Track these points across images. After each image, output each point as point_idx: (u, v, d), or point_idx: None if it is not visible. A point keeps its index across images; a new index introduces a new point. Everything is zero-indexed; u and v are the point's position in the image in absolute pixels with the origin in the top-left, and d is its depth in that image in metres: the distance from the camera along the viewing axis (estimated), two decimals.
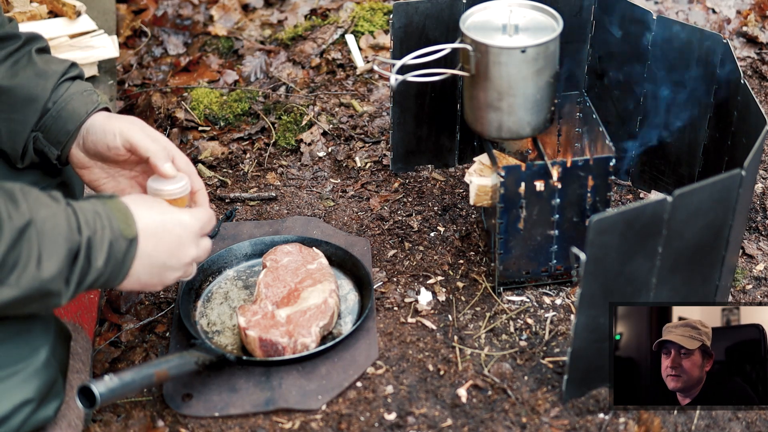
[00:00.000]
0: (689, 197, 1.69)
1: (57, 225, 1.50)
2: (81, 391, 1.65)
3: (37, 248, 1.47)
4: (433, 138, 2.43)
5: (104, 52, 2.62)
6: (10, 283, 1.46)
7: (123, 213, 1.60)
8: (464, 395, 1.88)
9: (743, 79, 2.01)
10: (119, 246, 1.57)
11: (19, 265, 1.46)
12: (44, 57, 1.89)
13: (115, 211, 1.59)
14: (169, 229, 1.66)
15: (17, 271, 1.46)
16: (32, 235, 1.47)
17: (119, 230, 1.57)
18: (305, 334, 1.91)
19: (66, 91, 1.85)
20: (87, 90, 1.87)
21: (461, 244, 2.26)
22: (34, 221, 1.48)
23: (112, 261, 1.56)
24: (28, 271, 1.47)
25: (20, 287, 1.47)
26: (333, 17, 3.12)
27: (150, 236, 1.63)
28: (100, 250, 1.54)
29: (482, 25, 2.05)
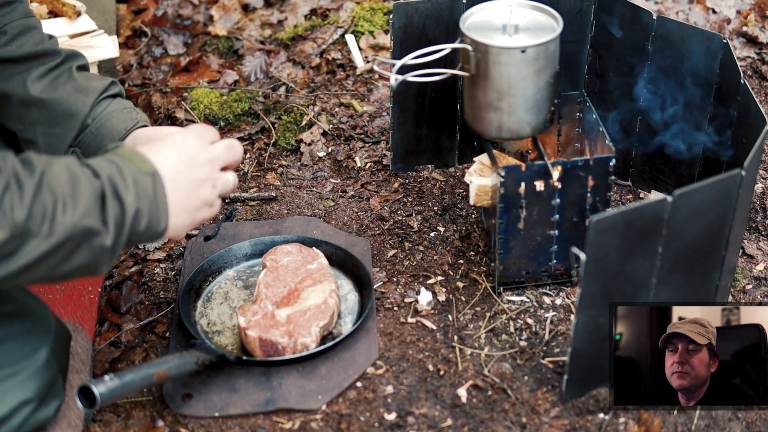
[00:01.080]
0: (689, 197, 1.69)
1: (73, 174, 1.47)
2: (81, 391, 1.65)
3: (61, 194, 1.44)
4: (433, 138, 2.43)
5: (104, 52, 2.62)
6: (42, 233, 1.42)
7: (135, 154, 1.57)
8: (464, 395, 1.88)
9: (743, 79, 2.01)
10: (144, 182, 1.53)
11: (47, 213, 1.42)
12: (84, 74, 1.91)
13: (125, 155, 1.56)
14: (186, 154, 1.62)
15: (47, 220, 1.42)
16: (52, 183, 1.44)
17: (137, 169, 1.54)
18: (305, 334, 1.91)
19: (105, 108, 1.86)
20: (126, 108, 1.89)
21: (461, 244, 2.26)
22: (51, 172, 1.46)
23: (144, 197, 1.52)
24: (57, 216, 1.43)
25: (55, 234, 1.43)
26: (333, 17, 3.12)
27: (167, 162, 1.59)
28: (125, 187, 1.50)
29: (482, 25, 2.05)
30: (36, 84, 1.83)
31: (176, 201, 1.59)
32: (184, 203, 1.60)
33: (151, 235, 1.56)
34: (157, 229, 1.56)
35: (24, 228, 1.41)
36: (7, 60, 1.83)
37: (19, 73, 1.84)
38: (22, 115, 1.85)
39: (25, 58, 1.84)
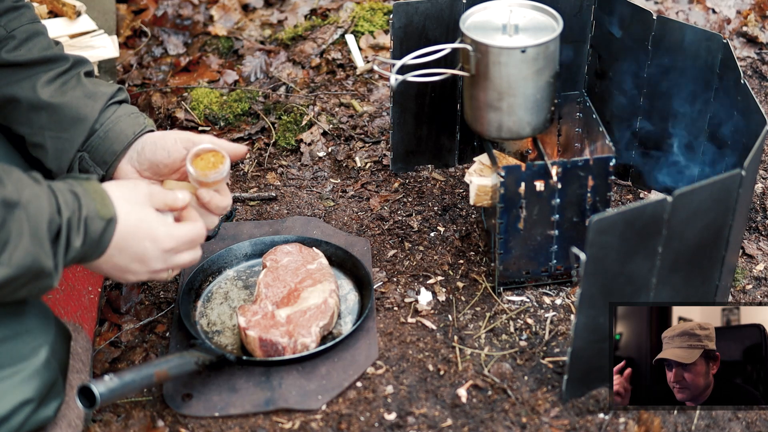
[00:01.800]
0: (689, 197, 1.69)
1: (41, 207, 1.52)
2: (81, 391, 1.65)
3: (26, 226, 1.49)
4: (433, 138, 2.43)
5: (104, 52, 2.62)
6: (2, 261, 1.47)
7: (100, 194, 1.61)
8: (464, 395, 1.88)
9: (743, 79, 2.01)
10: (95, 226, 1.58)
11: (10, 243, 1.47)
12: (92, 80, 1.93)
13: (92, 192, 1.61)
14: (139, 237, 1.67)
15: (9, 249, 1.47)
16: (20, 214, 1.49)
17: (95, 210, 1.59)
18: (305, 334, 1.91)
19: (114, 114, 1.88)
20: (134, 113, 1.91)
21: (461, 244, 2.26)
22: (20, 201, 1.50)
23: (89, 240, 1.58)
24: (19, 248, 1.48)
25: (12, 265, 1.48)
26: (333, 17, 3.12)
27: (125, 219, 1.64)
28: (77, 230, 1.56)
29: (482, 25, 2.05)
30: (45, 88, 1.85)
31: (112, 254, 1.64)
32: (117, 259, 1.65)
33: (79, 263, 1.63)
34: (86, 263, 1.64)
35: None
36: (16, 64, 1.85)
37: (28, 77, 1.85)
38: (30, 119, 1.86)
39: (34, 62, 1.85)
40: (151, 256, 1.69)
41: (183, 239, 1.73)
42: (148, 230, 1.68)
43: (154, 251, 1.69)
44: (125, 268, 1.68)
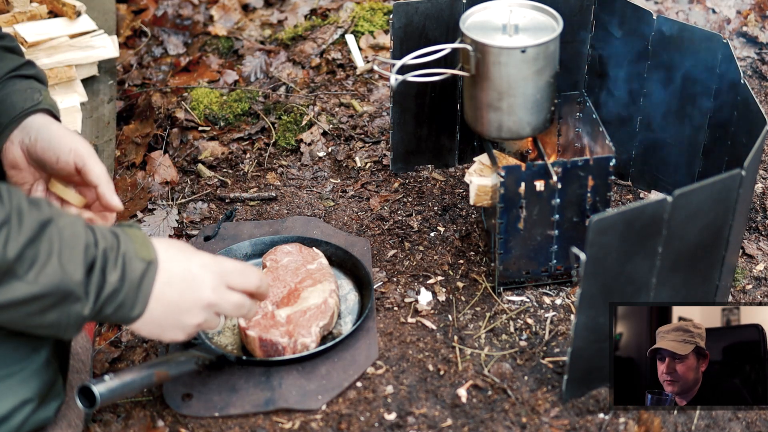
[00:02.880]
0: (689, 197, 1.69)
1: (76, 233, 1.48)
2: (81, 391, 1.65)
3: (58, 247, 1.44)
4: (433, 138, 2.43)
5: (104, 52, 2.62)
6: (28, 279, 1.43)
7: (140, 237, 1.57)
8: (464, 395, 1.88)
9: (743, 79, 2.01)
10: (134, 266, 1.53)
11: (38, 261, 1.43)
12: (2, 53, 1.88)
13: (131, 234, 1.56)
14: (197, 262, 1.62)
15: (36, 267, 1.43)
16: (53, 234, 1.45)
17: (134, 250, 1.53)
18: (305, 334, 1.91)
19: (12, 87, 1.84)
20: (31, 88, 1.85)
21: (461, 244, 2.26)
22: (56, 221, 1.46)
23: (128, 280, 1.52)
24: (48, 268, 1.43)
25: (39, 284, 1.43)
26: (333, 17, 3.12)
27: (167, 263, 1.58)
28: (113, 265, 1.50)
29: (482, 25, 2.05)
30: None
31: (154, 306, 1.57)
32: (160, 314, 1.59)
33: (120, 318, 1.55)
34: (128, 315, 1.55)
35: (10, 266, 1.41)
36: None
37: None
38: None
39: None
40: (204, 298, 1.63)
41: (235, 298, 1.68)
42: (205, 273, 1.63)
43: (207, 295, 1.63)
44: (171, 325, 1.61)
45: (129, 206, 2.41)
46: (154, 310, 1.57)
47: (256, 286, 1.72)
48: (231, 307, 1.69)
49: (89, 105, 2.60)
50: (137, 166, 2.56)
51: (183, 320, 1.63)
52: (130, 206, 2.41)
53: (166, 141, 2.64)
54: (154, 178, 2.49)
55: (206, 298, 1.64)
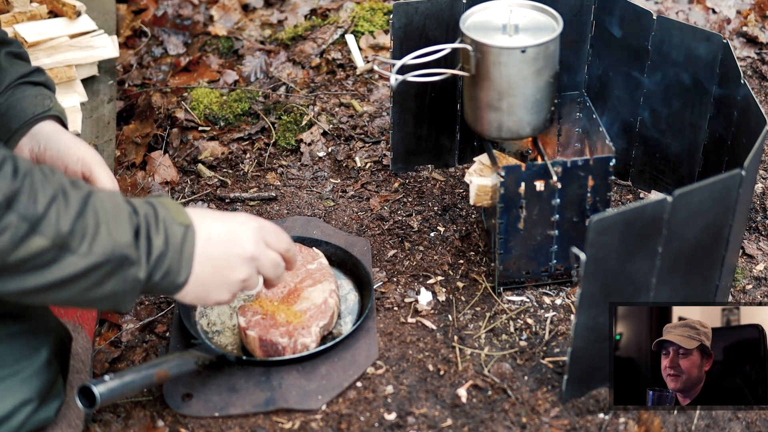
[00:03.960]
0: (689, 197, 1.69)
1: (117, 203, 1.50)
2: (81, 391, 1.65)
3: (104, 217, 1.46)
4: (433, 138, 2.43)
5: (104, 52, 2.62)
6: (81, 251, 1.43)
7: (172, 204, 1.58)
8: (464, 395, 1.88)
9: (743, 79, 2.01)
10: (174, 230, 1.54)
11: (88, 232, 1.44)
12: (10, 59, 1.89)
13: (164, 202, 1.58)
14: (232, 224, 1.64)
15: (87, 239, 1.43)
16: (97, 206, 1.46)
17: (171, 216, 1.55)
18: (305, 334, 1.91)
19: (22, 93, 1.85)
20: (42, 94, 1.87)
21: (461, 244, 2.26)
22: (96, 195, 1.48)
23: (171, 245, 1.53)
24: (99, 237, 1.44)
25: (94, 254, 1.44)
26: (333, 17, 3.12)
27: (208, 228, 1.60)
28: (155, 229, 1.51)
29: (482, 25, 2.05)
30: None
31: (199, 266, 1.58)
32: (206, 273, 1.60)
33: (168, 285, 1.56)
34: (175, 281, 1.56)
35: (65, 240, 1.41)
36: None
37: None
38: None
39: None
40: (245, 256, 1.64)
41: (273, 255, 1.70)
42: (242, 232, 1.64)
43: (249, 251, 1.64)
44: (216, 283, 1.62)
45: None
46: (200, 271, 1.58)
47: (287, 247, 1.73)
48: (270, 264, 1.69)
49: (89, 105, 2.60)
50: (137, 166, 2.56)
51: (228, 276, 1.62)
52: None
53: (166, 141, 2.64)
54: (154, 178, 2.49)
55: (249, 251, 1.64)
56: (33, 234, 1.39)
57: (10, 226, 1.37)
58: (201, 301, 1.63)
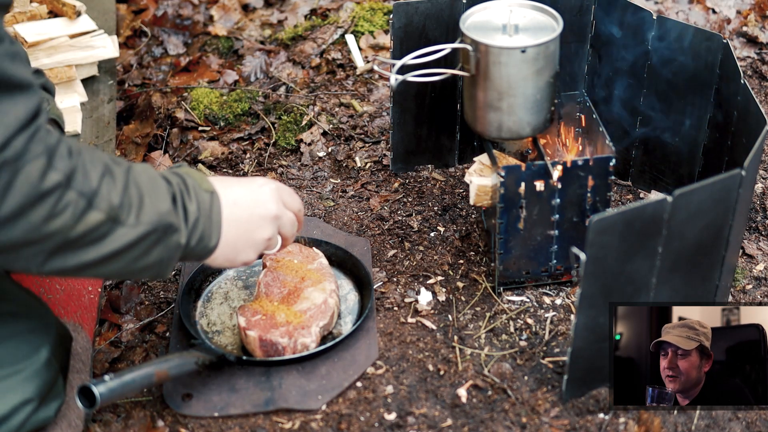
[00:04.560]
0: (689, 197, 1.69)
1: (152, 175, 1.56)
2: (81, 391, 1.65)
3: (146, 189, 1.52)
4: (433, 138, 2.43)
5: (104, 52, 2.62)
6: (129, 222, 1.49)
7: (197, 174, 1.65)
8: (464, 395, 1.88)
9: (743, 79, 2.01)
10: (203, 197, 1.61)
11: (134, 204, 1.50)
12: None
13: (188, 171, 1.64)
14: (252, 187, 1.72)
15: (134, 210, 1.50)
16: (138, 178, 1.52)
17: (197, 184, 1.61)
18: (305, 334, 1.91)
19: None
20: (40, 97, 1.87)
21: (461, 244, 2.26)
22: (134, 168, 1.54)
23: (202, 210, 1.59)
24: (144, 207, 1.51)
25: (142, 223, 1.50)
26: (333, 17, 3.12)
27: (231, 193, 1.67)
28: (188, 196, 1.58)
29: (482, 25, 2.05)
30: None
31: (227, 229, 1.66)
32: (234, 235, 1.67)
33: (201, 250, 1.63)
34: (207, 245, 1.63)
35: (117, 213, 1.48)
36: None
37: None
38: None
39: None
40: (266, 215, 1.72)
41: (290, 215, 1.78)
42: (263, 193, 1.72)
43: (272, 211, 1.72)
44: (244, 244, 1.69)
45: None
46: (228, 233, 1.65)
47: (300, 207, 1.83)
48: (289, 222, 1.79)
49: (89, 105, 2.60)
50: None
51: (255, 236, 1.70)
52: None
53: (166, 141, 2.64)
54: None
55: (273, 210, 1.73)
56: (90, 209, 1.45)
57: (71, 203, 1.43)
58: (229, 262, 1.70)
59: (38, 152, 1.39)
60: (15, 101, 1.38)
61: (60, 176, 1.41)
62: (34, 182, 1.39)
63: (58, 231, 1.43)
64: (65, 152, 1.43)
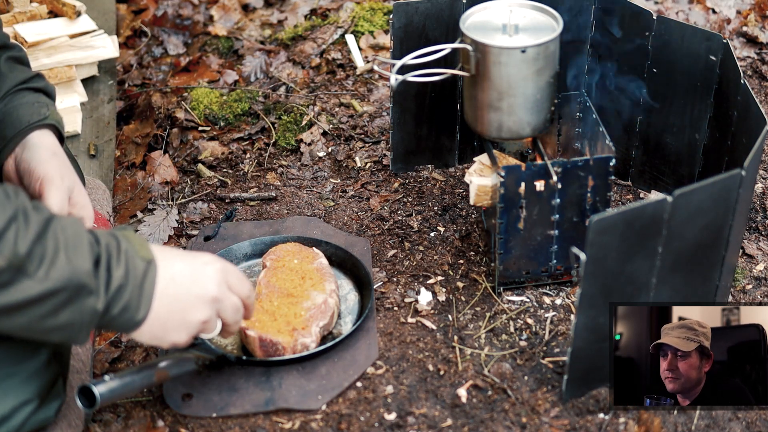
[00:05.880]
0: (689, 197, 1.69)
1: (78, 231, 1.47)
2: (81, 391, 1.65)
3: (63, 243, 1.43)
4: (433, 138, 2.43)
5: (104, 52, 2.62)
6: (38, 277, 1.40)
7: (136, 237, 1.56)
8: (464, 395, 1.88)
9: (743, 79, 2.01)
10: (135, 264, 1.51)
11: (47, 257, 1.41)
12: (11, 64, 1.88)
13: (128, 235, 1.55)
14: (195, 264, 1.61)
15: (45, 263, 1.41)
16: (57, 231, 1.43)
17: (134, 250, 1.52)
18: (305, 334, 1.91)
19: (20, 99, 1.83)
20: (40, 102, 1.85)
21: (461, 244, 2.26)
22: (58, 220, 1.45)
23: (132, 278, 1.50)
24: (57, 263, 1.41)
25: (51, 280, 1.41)
26: (333, 17, 3.13)
27: (171, 265, 1.57)
28: (116, 261, 1.49)
29: (482, 25, 2.05)
30: None
31: (159, 304, 1.55)
32: (166, 311, 1.56)
33: (126, 322, 1.52)
34: (133, 317, 1.52)
35: (22, 263, 1.39)
36: None
37: None
38: None
39: None
40: (207, 296, 1.61)
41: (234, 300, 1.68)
42: (206, 273, 1.62)
43: (212, 292, 1.62)
44: (175, 323, 1.58)
45: (129, 206, 2.41)
46: (159, 309, 1.55)
47: (248, 293, 1.72)
48: (231, 307, 1.67)
49: (89, 105, 2.60)
50: (137, 166, 2.56)
51: (188, 317, 1.60)
52: (130, 206, 2.41)
53: (166, 141, 2.64)
54: (154, 178, 2.49)
55: (212, 292, 1.62)
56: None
57: None
58: (157, 341, 1.59)
59: None
60: None
61: None
62: None
63: None
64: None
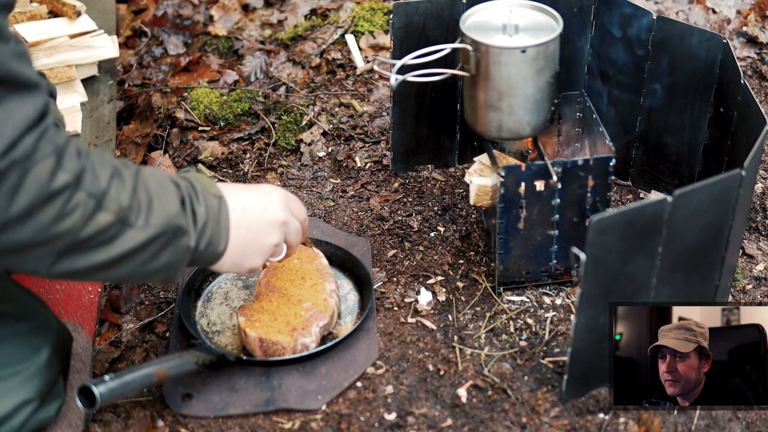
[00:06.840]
0: (689, 197, 1.69)
1: (161, 177, 1.57)
2: (81, 391, 1.65)
3: (155, 191, 1.53)
4: (433, 138, 2.43)
5: (104, 52, 2.62)
6: (139, 225, 1.49)
7: (205, 178, 1.65)
8: (464, 395, 1.88)
9: (743, 79, 2.01)
10: (211, 201, 1.61)
11: (143, 206, 1.50)
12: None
13: (196, 176, 1.64)
14: (260, 194, 1.73)
15: (143, 212, 1.49)
16: (147, 181, 1.53)
17: (205, 188, 1.62)
18: (305, 334, 1.91)
19: None
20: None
21: (461, 244, 2.26)
22: (142, 170, 1.54)
23: (211, 215, 1.60)
24: (153, 210, 1.51)
25: (151, 226, 1.50)
26: (333, 17, 3.12)
27: (239, 199, 1.67)
28: (197, 200, 1.58)
29: (482, 25, 2.05)
30: None
31: (236, 234, 1.66)
32: (242, 240, 1.67)
33: (210, 255, 1.63)
34: (216, 249, 1.63)
35: (126, 214, 1.48)
36: None
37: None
38: None
39: None
40: (274, 221, 1.72)
41: (296, 224, 1.79)
42: (271, 200, 1.73)
43: (280, 218, 1.73)
44: (252, 249, 1.69)
45: None
46: (237, 238, 1.65)
47: (305, 216, 1.85)
48: (295, 230, 1.79)
49: (89, 105, 2.60)
50: None
51: (262, 242, 1.71)
52: None
53: (166, 141, 2.64)
54: None
55: (281, 216, 1.74)
56: (99, 210, 1.45)
57: (80, 204, 1.43)
58: (236, 268, 1.70)
59: (47, 152, 1.39)
60: (23, 101, 1.38)
61: (69, 177, 1.41)
62: (43, 182, 1.39)
63: (67, 232, 1.43)
64: (74, 153, 1.43)
